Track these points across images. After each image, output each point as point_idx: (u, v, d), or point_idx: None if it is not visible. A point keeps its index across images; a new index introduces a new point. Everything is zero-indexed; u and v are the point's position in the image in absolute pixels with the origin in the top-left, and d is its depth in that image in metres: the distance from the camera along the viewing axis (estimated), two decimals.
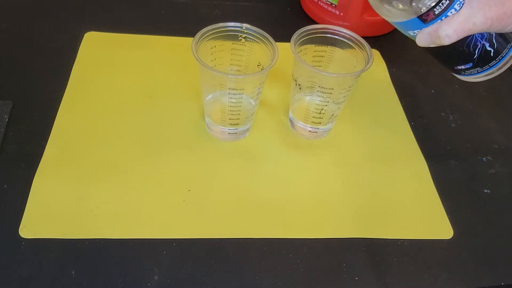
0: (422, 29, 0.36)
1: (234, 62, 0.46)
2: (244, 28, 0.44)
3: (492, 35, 0.37)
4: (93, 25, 0.57)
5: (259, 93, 0.44)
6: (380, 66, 0.59)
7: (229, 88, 0.41)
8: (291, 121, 0.49)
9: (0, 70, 0.51)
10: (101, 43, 0.55)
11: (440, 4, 0.34)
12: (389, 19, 0.38)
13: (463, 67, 0.40)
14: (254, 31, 0.43)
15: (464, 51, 0.38)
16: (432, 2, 0.34)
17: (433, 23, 0.35)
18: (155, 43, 0.57)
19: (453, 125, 0.53)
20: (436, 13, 0.34)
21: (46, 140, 0.44)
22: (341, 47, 0.46)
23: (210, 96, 0.45)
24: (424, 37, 0.36)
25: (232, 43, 0.45)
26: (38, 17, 0.58)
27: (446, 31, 0.34)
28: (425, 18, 0.35)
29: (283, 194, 0.43)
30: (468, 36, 0.36)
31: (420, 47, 0.37)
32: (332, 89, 0.43)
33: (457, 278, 0.39)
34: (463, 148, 0.50)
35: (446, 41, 0.35)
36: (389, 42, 0.63)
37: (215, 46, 0.44)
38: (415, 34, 0.37)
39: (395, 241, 0.41)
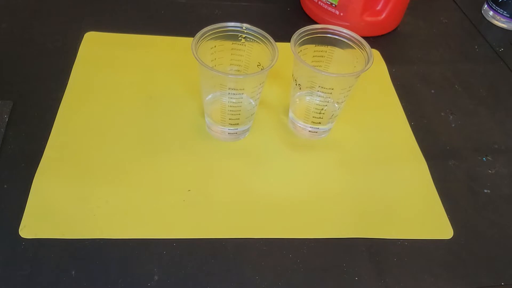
0: None
1: (234, 62, 0.46)
2: (244, 28, 0.44)
3: None
4: (93, 25, 0.57)
5: (259, 93, 0.44)
6: (380, 66, 0.59)
7: (229, 88, 0.41)
8: (291, 121, 0.49)
9: (0, 70, 0.51)
10: (101, 43, 0.55)
11: None
12: None
13: None
14: (254, 31, 0.43)
15: None
16: None
17: None
18: (155, 43, 0.57)
19: (453, 125, 0.53)
20: None
21: (46, 140, 0.44)
22: (341, 47, 0.46)
23: (210, 96, 0.45)
24: None
25: (232, 43, 0.45)
26: (38, 17, 0.58)
27: None
28: None
29: (283, 194, 0.43)
30: None
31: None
32: (332, 89, 0.43)
33: (457, 278, 0.39)
34: (463, 148, 0.50)
35: None
36: (389, 42, 0.63)
37: (215, 46, 0.44)
38: None
39: (395, 241, 0.41)
